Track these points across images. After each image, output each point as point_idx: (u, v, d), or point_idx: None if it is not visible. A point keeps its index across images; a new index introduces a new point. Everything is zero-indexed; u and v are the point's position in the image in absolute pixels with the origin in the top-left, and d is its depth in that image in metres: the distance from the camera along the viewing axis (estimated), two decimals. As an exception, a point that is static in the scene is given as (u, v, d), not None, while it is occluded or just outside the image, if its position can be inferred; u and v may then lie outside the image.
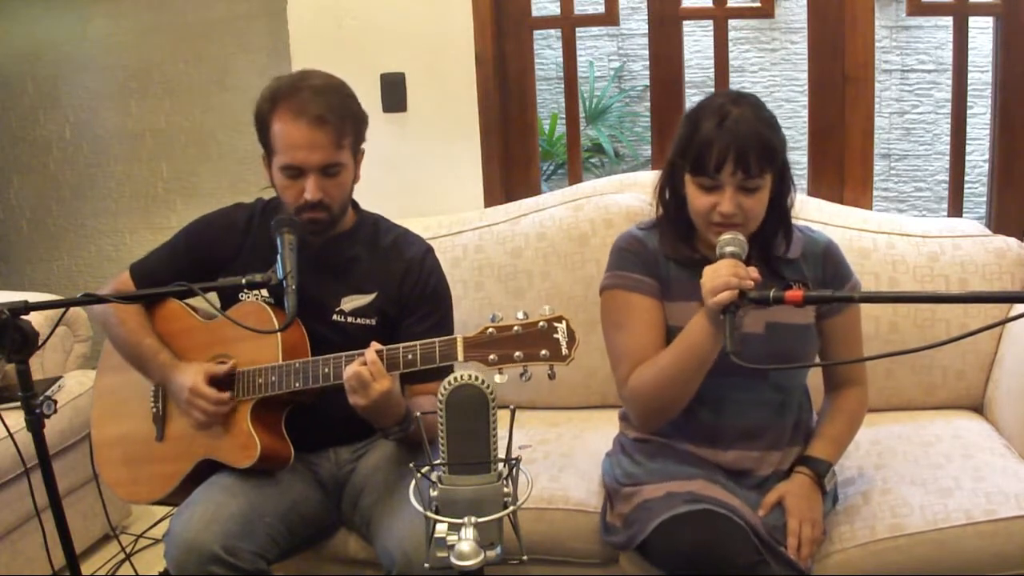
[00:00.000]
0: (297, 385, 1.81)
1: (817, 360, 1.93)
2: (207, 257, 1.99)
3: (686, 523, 1.66)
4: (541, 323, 1.59)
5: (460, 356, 1.65)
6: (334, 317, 1.95)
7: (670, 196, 1.86)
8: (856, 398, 1.93)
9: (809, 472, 1.82)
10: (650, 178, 2.63)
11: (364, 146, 1.96)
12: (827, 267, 1.89)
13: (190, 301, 2.06)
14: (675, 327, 1.83)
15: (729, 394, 1.83)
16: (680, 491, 1.74)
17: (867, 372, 1.98)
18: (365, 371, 1.70)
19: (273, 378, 1.83)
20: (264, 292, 1.95)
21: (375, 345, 1.73)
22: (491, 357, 1.61)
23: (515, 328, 1.60)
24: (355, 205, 2.05)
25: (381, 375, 1.71)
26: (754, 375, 1.80)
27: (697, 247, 1.87)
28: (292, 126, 1.83)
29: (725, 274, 1.60)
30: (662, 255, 1.87)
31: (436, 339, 1.70)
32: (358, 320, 1.95)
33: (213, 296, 1.91)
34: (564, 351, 1.59)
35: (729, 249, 1.66)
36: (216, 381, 1.87)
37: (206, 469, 1.91)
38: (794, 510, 1.76)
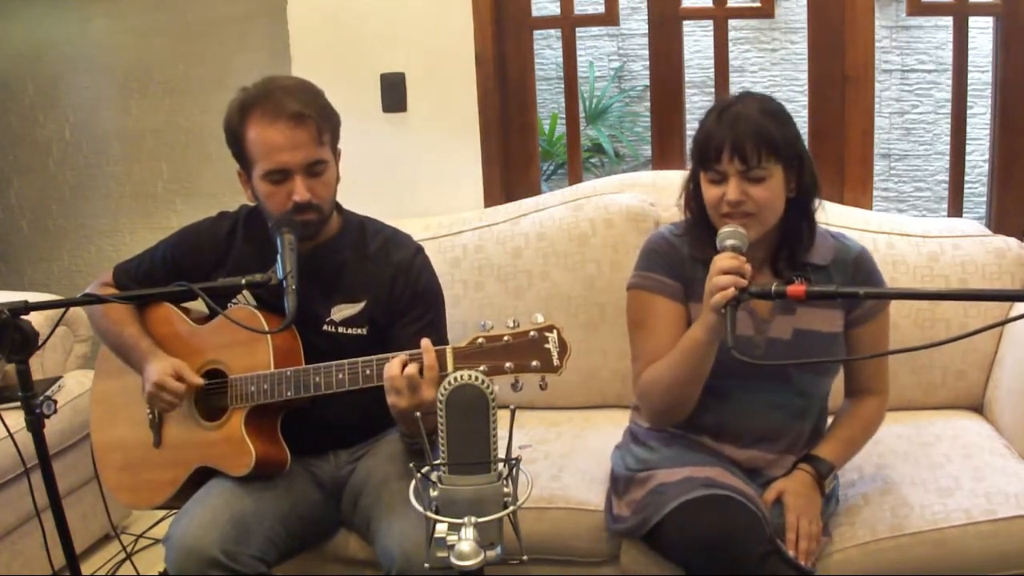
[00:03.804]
0: (289, 394, 1.79)
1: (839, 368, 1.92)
2: (191, 267, 1.96)
3: (704, 507, 1.66)
4: (532, 333, 1.55)
5: (450, 367, 1.62)
6: (325, 327, 1.92)
7: (694, 198, 1.88)
8: (874, 407, 1.93)
9: (811, 470, 1.82)
10: (650, 178, 2.63)
11: (342, 146, 1.93)
12: (858, 276, 1.86)
13: (184, 305, 2.04)
14: None
15: (751, 396, 1.84)
16: (698, 476, 1.74)
17: (888, 383, 1.96)
18: (416, 373, 1.61)
19: (265, 386, 1.81)
20: (250, 298, 1.93)
21: (426, 343, 1.65)
22: (481, 368, 1.55)
23: (505, 338, 1.56)
24: (339, 208, 2.01)
25: (434, 383, 1.62)
26: (778, 379, 1.82)
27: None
28: (270, 129, 1.79)
29: (722, 282, 1.61)
30: (689, 257, 1.88)
31: None
32: (349, 330, 1.92)
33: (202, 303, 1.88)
34: (555, 362, 1.55)
35: (729, 242, 1.68)
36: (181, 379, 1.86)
37: (204, 475, 1.90)
38: (792, 506, 1.77)
